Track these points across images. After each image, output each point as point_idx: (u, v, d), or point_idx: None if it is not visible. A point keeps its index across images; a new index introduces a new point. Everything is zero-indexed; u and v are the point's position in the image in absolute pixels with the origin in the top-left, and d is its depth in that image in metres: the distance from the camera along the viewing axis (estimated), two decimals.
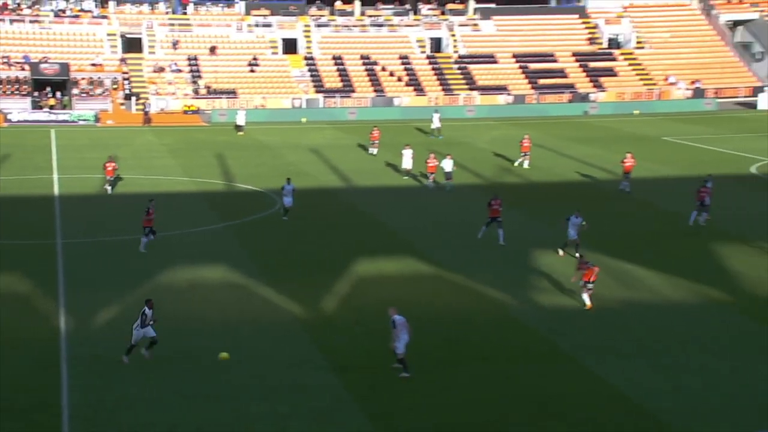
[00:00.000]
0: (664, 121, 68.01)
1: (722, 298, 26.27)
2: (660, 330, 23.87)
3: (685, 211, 37.30)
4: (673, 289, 27.22)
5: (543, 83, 78.42)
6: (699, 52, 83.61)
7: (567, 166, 48.65)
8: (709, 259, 30.42)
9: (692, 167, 47.54)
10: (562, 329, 23.87)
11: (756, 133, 60.45)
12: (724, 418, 18.79)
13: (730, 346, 22.69)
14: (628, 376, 20.89)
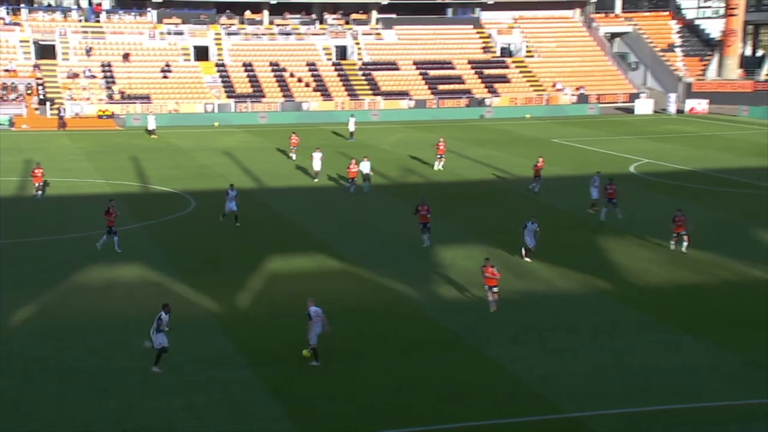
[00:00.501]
0: (552, 124, 69.37)
1: (607, 288, 26.87)
2: (552, 318, 24.29)
3: (574, 207, 38.13)
4: (563, 279, 27.72)
5: (442, 89, 79.15)
6: (582, 61, 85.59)
7: (465, 166, 49.18)
8: (594, 251, 31.10)
9: (579, 167, 48.60)
10: (463, 320, 24.09)
11: (634, 136, 62.21)
12: (610, 398, 19.22)
13: (613, 331, 23.22)
14: (524, 361, 21.19)
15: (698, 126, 68.01)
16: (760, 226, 34.08)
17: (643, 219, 35.71)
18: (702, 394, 19.26)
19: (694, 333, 22.89)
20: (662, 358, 21.32)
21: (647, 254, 30.48)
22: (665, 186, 43.23)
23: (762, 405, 18.74)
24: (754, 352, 21.53)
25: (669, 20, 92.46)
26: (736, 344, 22.02)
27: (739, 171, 46.71)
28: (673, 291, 26.51)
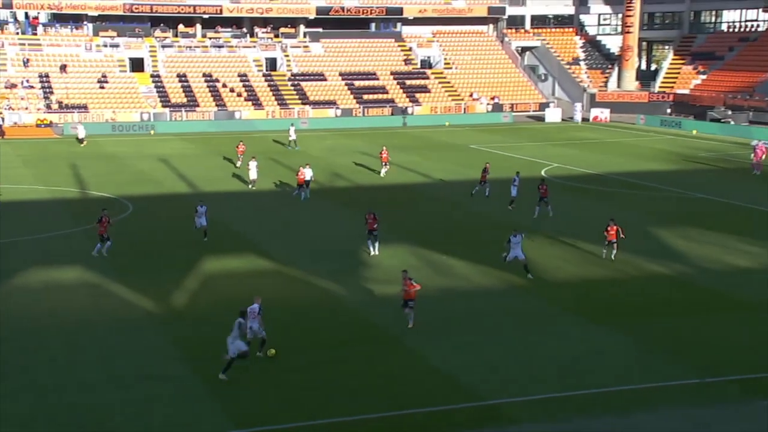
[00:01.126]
0: (470, 132, 70.05)
1: (521, 283, 27.19)
2: (470, 311, 24.48)
3: (492, 208, 38.51)
4: (482, 276, 27.95)
5: (367, 98, 79.23)
6: (496, 72, 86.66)
7: (390, 171, 49.24)
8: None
9: (495, 171, 49.11)
10: (387, 315, 24.09)
11: (544, 142, 63.21)
12: (524, 385, 19.44)
13: (527, 322, 23.50)
14: (443, 353, 21.30)
15: (601, 133, 69.49)
16: (658, 225, 34.94)
17: (553, 219, 36.25)
18: (607, 380, 19.61)
19: (599, 323, 23.31)
20: (571, 347, 21.66)
21: (558, 252, 30.94)
22: (573, 189, 44.02)
23: (660, 388, 19.18)
24: (652, 339, 22.03)
25: (573, 36, 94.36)
26: (636, 333, 22.50)
27: (639, 174, 47.81)
28: (581, 285, 26.96)
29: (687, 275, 27.81)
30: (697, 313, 24.12)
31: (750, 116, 71.17)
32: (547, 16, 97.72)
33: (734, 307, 24.59)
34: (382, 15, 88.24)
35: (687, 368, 20.11)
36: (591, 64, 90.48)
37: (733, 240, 32.04)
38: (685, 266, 28.74)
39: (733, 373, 19.78)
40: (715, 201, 40.27)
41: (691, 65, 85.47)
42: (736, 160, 53.97)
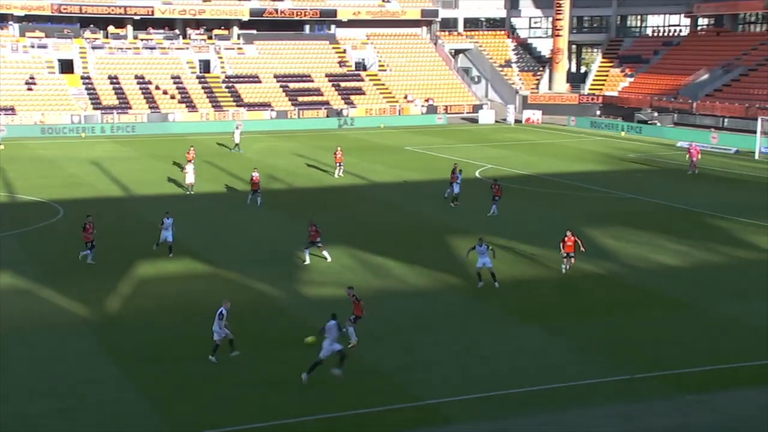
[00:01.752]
0: (405, 133, 70.37)
1: (457, 283, 27.41)
2: (406, 312, 24.59)
3: (427, 209, 38.75)
4: (418, 277, 28.10)
5: (302, 100, 78.95)
6: (430, 74, 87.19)
7: (325, 173, 49.21)
8: (445, 250, 31.68)
9: (430, 172, 49.47)
10: (323, 317, 23.99)
11: (478, 143, 63.85)
12: (462, 385, 19.62)
13: (462, 322, 23.72)
14: (381, 354, 21.37)
15: (534, 134, 70.53)
16: (589, 225, 35.58)
17: (487, 220, 36.65)
18: (542, 378, 19.91)
19: (533, 322, 23.66)
20: (506, 346, 21.93)
21: None
22: (506, 189, 44.50)
23: (593, 385, 19.55)
24: (585, 338, 22.44)
25: (505, 38, 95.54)
26: (569, 331, 22.89)
27: (570, 175, 48.65)
28: (515, 284, 27.30)
29: (618, 274, 28.41)
30: (628, 311, 24.66)
31: (675, 118, 73.10)
32: (480, 19, 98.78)
33: (663, 305, 25.21)
34: (316, 17, 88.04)
35: (618, 365, 20.54)
36: (523, 67, 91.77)
37: (662, 239, 32.84)
38: (616, 265, 29.35)
39: (662, 369, 20.27)
40: (643, 201, 41.22)
41: (619, 68, 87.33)
42: (663, 161, 55.35)
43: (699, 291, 26.51)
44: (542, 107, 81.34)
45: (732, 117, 68.80)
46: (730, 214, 37.51)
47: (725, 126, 68.27)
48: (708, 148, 60.57)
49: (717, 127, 67.16)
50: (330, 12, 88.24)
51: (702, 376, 20.00)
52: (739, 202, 40.46)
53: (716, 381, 19.72)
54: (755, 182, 46.65)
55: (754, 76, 74.26)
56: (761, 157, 54.73)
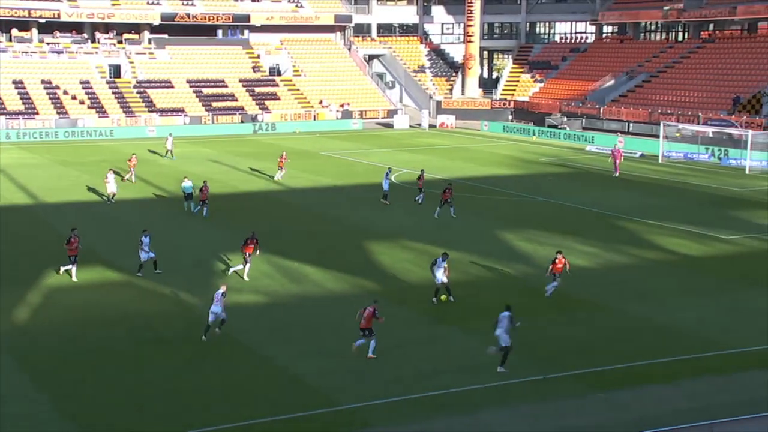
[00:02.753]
0: (320, 139, 70.28)
1: (374, 287, 27.53)
2: (325, 317, 24.57)
3: (344, 214, 38.79)
4: (335, 281, 28.11)
5: (216, 106, 78.04)
6: (345, 79, 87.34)
7: (240, 179, 48.76)
8: (363, 255, 31.77)
9: (346, 177, 49.55)
10: (240, 324, 23.85)
11: (393, 148, 64.23)
12: (380, 389, 19.69)
13: (380, 326, 23.82)
14: (299, 360, 21.30)
15: (448, 139, 71.37)
16: (503, 228, 36.21)
17: (402, 224, 36.92)
18: (459, 380, 20.14)
19: (450, 325, 23.89)
20: (424, 348, 22.13)
21: (408, 255, 31.51)
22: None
23: (507, 386, 19.87)
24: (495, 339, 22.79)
25: (418, 44, 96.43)
26: (485, 334, 23.23)
27: (484, 179, 49.42)
28: (431, 287, 27.56)
29: (531, 276, 28.99)
30: (540, 312, 25.17)
31: (583, 123, 75.08)
32: (393, 25, 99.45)
33: (574, 305, 25.83)
34: (229, 22, 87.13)
35: (532, 366, 20.96)
36: (436, 72, 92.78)
37: (572, 241, 33.66)
38: (530, 267, 29.94)
39: (574, 369, 20.77)
40: (554, 204, 42.17)
41: (529, 74, 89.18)
42: (573, 164, 56.76)
43: (608, 292, 27.27)
44: (456, 112, 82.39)
45: (636, 122, 71.08)
46: (637, 215, 38.72)
47: (630, 130, 70.47)
48: None
49: (623, 132, 69.25)
50: (243, 17, 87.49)
51: (613, 375, 20.57)
52: (645, 204, 41.81)
53: (627, 380, 20.30)
54: (659, 185, 48.30)
55: (656, 82, 76.97)
56: (664, 160, 56.72)
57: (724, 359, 21.34)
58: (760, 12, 74.45)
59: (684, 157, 58.50)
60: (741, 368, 20.79)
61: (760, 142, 54.47)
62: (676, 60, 78.54)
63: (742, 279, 28.16)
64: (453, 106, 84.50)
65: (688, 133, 60.34)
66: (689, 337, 22.95)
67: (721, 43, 77.95)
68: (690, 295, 26.66)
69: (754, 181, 49.59)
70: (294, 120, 78.76)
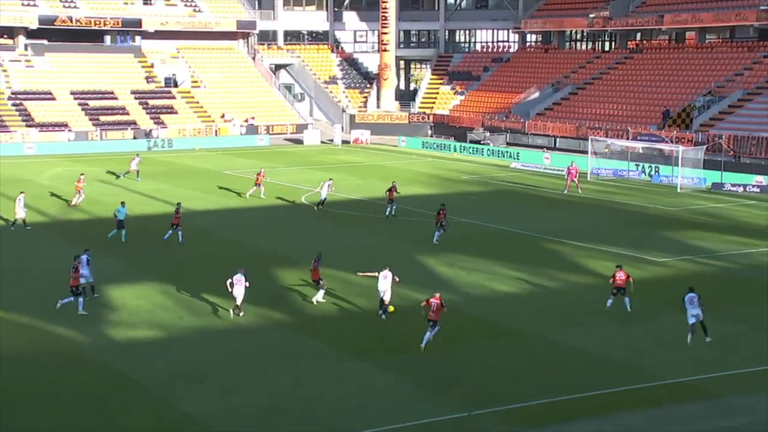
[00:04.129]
0: (223, 156, 69.72)
1: (282, 318, 27.41)
2: (229, 353, 24.31)
3: (250, 238, 38.51)
4: None
5: (105, 120, 76.67)
6: (249, 91, 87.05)
7: (132, 200, 47.90)
8: (270, 282, 31.57)
9: (251, 198, 49.22)
10: (136, 361, 23.41)
11: (303, 166, 64.18)
12: (288, 428, 19.61)
13: (289, 361, 23.69)
14: (200, 399, 21.06)
15: (362, 156, 71.72)
16: (423, 252, 36.53)
17: (316, 248, 36.85)
18: (376, 419, 20.17)
19: (367, 358, 23.96)
20: (336, 385, 22.09)
21: None
22: (333, 215, 45.04)
23: (429, 424, 19.98)
24: (420, 373, 22.95)
25: (329, 53, 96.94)
26: (404, 367, 23.36)
27: (401, 199, 49.76)
28: (347, 319, 27.60)
29: (454, 303, 29.29)
30: (465, 342, 25.46)
31: (507, 138, 76.53)
32: (301, 32, 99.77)
33: (500, 334, 26.23)
34: (118, 27, 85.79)
35: (455, 402, 21.13)
36: (349, 83, 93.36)
37: (498, 265, 34.18)
38: (452, 294, 30.23)
39: (498, 404, 21.00)
40: (477, 225, 42.77)
41: (449, 85, 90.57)
42: (497, 182, 57.75)
43: (536, 318, 27.78)
44: (371, 127, 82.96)
45: (564, 137, 72.85)
46: (565, 237, 39.61)
47: (557, 146, 72.20)
48: (541, 169, 63.86)
49: (549, 147, 70.91)
50: (134, 21, 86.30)
51: (541, 408, 20.90)
52: (574, 225, 42.82)
53: (558, 414, 20.65)
54: (588, 204, 49.55)
55: (583, 94, 79.15)
56: (593, 178, 58.23)
57: (657, 390, 21.94)
58: (687, 21, 77.51)
59: (613, 175, 60.20)
60: (674, 400, 21.42)
61: (690, 158, 56.42)
62: (603, 71, 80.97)
63: (675, 304, 29.07)
64: (368, 120, 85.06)
65: (618, 149, 62.14)
66: (621, 366, 23.54)
67: (649, 54, 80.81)
68: (622, 322, 27.37)
69: (685, 199, 51.36)
70: (193, 135, 77.97)
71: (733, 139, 60.94)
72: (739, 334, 26.23)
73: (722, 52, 75.61)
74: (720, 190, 54.17)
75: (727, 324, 26.93)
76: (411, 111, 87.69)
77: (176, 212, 38.09)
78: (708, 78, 71.69)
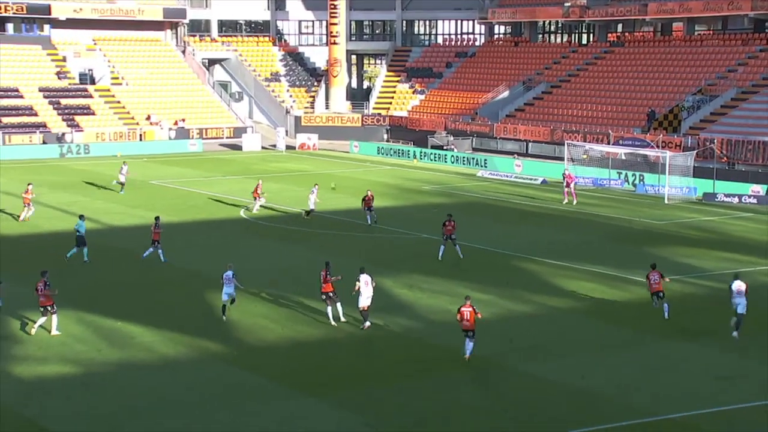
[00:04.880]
0: (149, 164, 69.21)
1: (218, 350, 27.17)
2: (156, 390, 24.02)
3: (180, 260, 38.15)
4: (168, 344, 27.56)
5: (8, 122, 75.81)
6: (179, 90, 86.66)
7: (43, 215, 47.31)
8: (205, 308, 31.31)
9: (183, 212, 48.88)
10: (46, 404, 23.00)
11: (242, 175, 63.88)
12: None
13: (228, 398, 23.49)
14: None
15: (309, 163, 71.64)
16: (380, 272, 36.32)
17: (254, 268, 36.67)
18: None
19: (314, 394, 23.77)
20: (281, 427, 21.93)
21: (262, 309, 31.27)
22: (277, 231, 44.86)
23: None
24: (377, 411, 22.83)
25: (271, 46, 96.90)
26: (358, 405, 23.23)
27: (354, 212, 49.77)
28: (291, 349, 27.44)
29: (414, 331, 29.26)
30: (427, 374, 25.41)
31: (473, 143, 77.03)
32: (239, 22, 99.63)
33: (467, 365, 26.21)
34: (23, 14, 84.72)
35: None
36: (294, 81, 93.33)
37: (463, 287, 34.18)
38: (412, 320, 30.20)
39: None
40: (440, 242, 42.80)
41: (408, 83, 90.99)
42: (462, 193, 57.97)
43: (507, 347, 27.82)
44: (319, 130, 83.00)
45: (536, 141, 73.52)
46: (539, 255, 39.81)
47: (529, 152, 72.79)
48: (511, 177, 64.29)
49: (520, 154, 71.44)
50: (41, 8, 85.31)
51: None
52: (549, 241, 43.06)
53: None
54: (565, 217, 49.91)
55: (558, 93, 79.96)
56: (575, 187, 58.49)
57: (647, 428, 22.05)
58: (674, 11, 78.66)
59: (593, 184, 60.81)
60: None
61: (679, 165, 57.07)
62: (580, 67, 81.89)
63: (664, 330, 29.31)
64: (315, 123, 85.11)
65: (597, 155, 62.77)
66: (605, 401, 23.62)
67: (632, 47, 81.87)
68: (605, 351, 27.50)
69: (673, 211, 51.98)
70: (114, 140, 77.38)
71: (727, 144, 61.89)
72: (737, 365, 26.47)
73: (713, 45, 76.87)
74: (712, 201, 54.93)
75: (724, 354, 27.18)
76: (364, 112, 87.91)
77: (155, 227, 37.89)
78: (698, 75, 72.82)
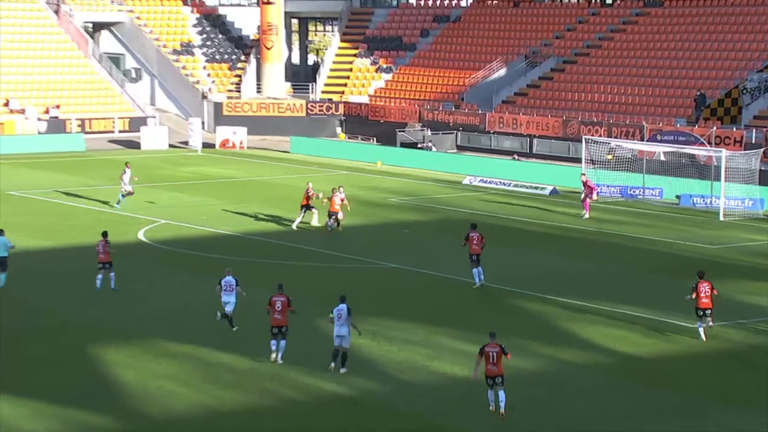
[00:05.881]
0: (9, 167, 68.60)
1: (113, 427, 26.99)
2: None
3: (58, 301, 37.99)
4: (41, 420, 27.32)
5: None
6: (53, 65, 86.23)
7: None
8: (92, 370, 31.08)
9: (59, 235, 48.63)
10: None
11: (142, 183, 63.05)
12: None
13: None
14: None
15: (235, 167, 71.38)
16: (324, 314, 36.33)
17: (156, 315, 36.50)
18: None
19: None
20: None
21: (166, 368, 31.09)
22: (186, 258, 44.63)
23: None
24: None
25: (181, 6, 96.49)
26: None
27: (295, 235, 49.66)
28: (205, 420, 27.33)
29: (378, 394, 29.14)
30: None
31: (458, 138, 76.76)
32: None
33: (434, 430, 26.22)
34: None
35: None
36: (213, 55, 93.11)
37: (443, 335, 34.12)
38: (375, 381, 30.07)
39: None
40: (412, 273, 42.76)
41: (368, 58, 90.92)
42: (443, 208, 57.92)
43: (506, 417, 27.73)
44: (248, 122, 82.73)
45: (543, 137, 73.41)
46: (548, 291, 39.70)
47: (534, 151, 72.73)
48: (510, 186, 64.15)
49: (522, 153, 71.50)
50: None
51: None
52: (561, 272, 43.02)
53: None
54: (582, 240, 49.93)
55: (573, 72, 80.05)
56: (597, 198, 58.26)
57: None
58: None
59: (621, 195, 60.84)
60: None
61: (739, 168, 56.94)
62: (603, 35, 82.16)
63: (720, 395, 29.26)
64: (243, 113, 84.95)
65: (627, 155, 62.68)
66: None
67: (674, 8, 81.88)
68: (639, 422, 27.49)
69: (731, 231, 52.07)
70: None
71: None
72: None
73: None
74: None
75: None
76: (310, 98, 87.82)
77: (105, 244, 38.51)
78: (764, 43, 72.91)
